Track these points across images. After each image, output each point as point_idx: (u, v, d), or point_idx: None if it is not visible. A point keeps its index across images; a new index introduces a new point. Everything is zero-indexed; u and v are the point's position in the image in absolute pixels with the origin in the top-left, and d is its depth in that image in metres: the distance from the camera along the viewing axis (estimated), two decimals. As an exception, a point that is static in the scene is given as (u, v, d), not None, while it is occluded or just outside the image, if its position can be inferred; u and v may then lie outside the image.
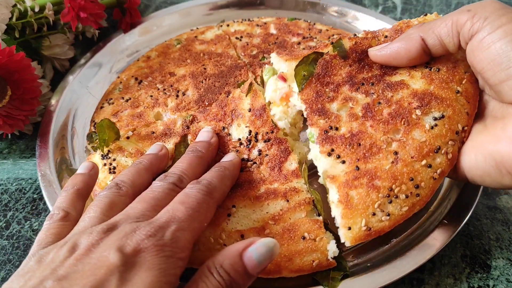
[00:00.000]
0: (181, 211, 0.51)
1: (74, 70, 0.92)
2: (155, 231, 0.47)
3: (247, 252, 0.49)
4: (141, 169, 0.63)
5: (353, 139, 0.62)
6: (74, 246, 0.47)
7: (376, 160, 0.60)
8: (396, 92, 0.64)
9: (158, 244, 0.46)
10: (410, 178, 0.59)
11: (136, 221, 0.50)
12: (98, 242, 0.47)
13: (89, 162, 0.65)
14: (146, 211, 0.52)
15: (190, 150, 0.66)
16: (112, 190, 0.57)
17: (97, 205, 0.55)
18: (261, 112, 0.71)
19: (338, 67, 0.68)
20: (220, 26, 1.01)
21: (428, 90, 0.63)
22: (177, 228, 0.49)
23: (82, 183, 0.60)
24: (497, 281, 0.65)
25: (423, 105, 0.62)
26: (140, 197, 0.56)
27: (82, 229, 0.51)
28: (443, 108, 0.62)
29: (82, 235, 0.48)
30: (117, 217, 0.51)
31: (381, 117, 0.63)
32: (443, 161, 0.60)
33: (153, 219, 0.50)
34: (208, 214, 0.56)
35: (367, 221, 0.58)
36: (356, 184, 0.59)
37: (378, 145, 0.61)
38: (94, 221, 0.52)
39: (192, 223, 0.51)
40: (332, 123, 0.64)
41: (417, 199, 0.59)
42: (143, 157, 0.66)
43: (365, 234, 0.58)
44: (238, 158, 0.68)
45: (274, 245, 0.50)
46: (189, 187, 0.56)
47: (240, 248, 0.49)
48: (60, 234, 0.52)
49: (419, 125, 0.62)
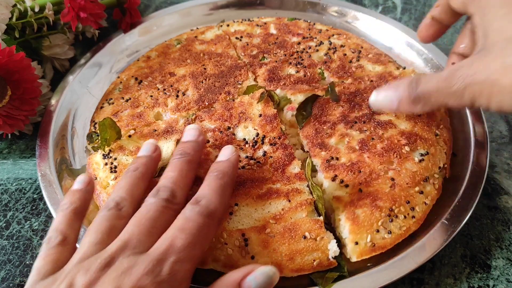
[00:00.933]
0: (180, 239, 0.49)
1: (74, 70, 0.92)
2: (153, 267, 0.46)
3: (246, 282, 0.48)
4: (138, 178, 0.60)
5: (353, 167, 0.68)
6: (71, 285, 0.45)
7: (376, 184, 0.67)
8: (386, 130, 0.73)
9: (156, 281, 0.45)
10: (406, 201, 0.65)
11: (133, 253, 0.48)
12: (96, 280, 0.45)
13: (85, 176, 0.61)
14: (143, 237, 0.50)
15: (178, 154, 0.62)
16: (112, 212, 0.54)
17: (97, 229, 0.52)
18: (272, 119, 0.75)
19: (332, 108, 0.78)
20: (220, 26, 1.01)
21: (413, 131, 0.73)
22: (175, 260, 0.47)
23: (79, 201, 0.58)
24: (497, 281, 0.65)
25: (411, 143, 0.71)
26: (136, 218, 0.53)
27: (80, 260, 0.49)
28: (427, 146, 0.72)
29: (79, 272, 0.46)
30: (115, 246, 0.49)
31: (376, 150, 0.70)
32: (432, 190, 0.68)
33: (151, 251, 0.48)
34: (209, 237, 0.54)
35: (372, 237, 0.62)
36: (360, 203, 0.64)
37: (377, 172, 0.68)
38: (93, 249, 0.50)
39: (192, 251, 0.49)
40: (333, 154, 0.71)
41: (413, 221, 0.65)
42: (138, 161, 0.63)
43: (370, 250, 0.62)
44: (236, 153, 0.64)
45: (274, 274, 0.49)
46: (188, 209, 0.53)
47: (238, 277, 0.48)
48: (59, 260, 0.51)
49: (410, 158, 0.70)
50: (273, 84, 0.83)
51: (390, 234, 0.63)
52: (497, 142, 0.83)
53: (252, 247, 0.61)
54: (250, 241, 0.61)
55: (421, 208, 0.66)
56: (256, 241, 0.61)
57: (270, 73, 0.85)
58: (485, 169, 0.72)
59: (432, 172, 0.70)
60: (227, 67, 0.88)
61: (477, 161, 0.73)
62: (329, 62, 0.88)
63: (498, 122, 0.86)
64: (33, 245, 0.70)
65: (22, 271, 0.67)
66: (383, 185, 0.67)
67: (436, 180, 0.70)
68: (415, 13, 1.12)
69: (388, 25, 0.98)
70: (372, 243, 0.62)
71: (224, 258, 0.61)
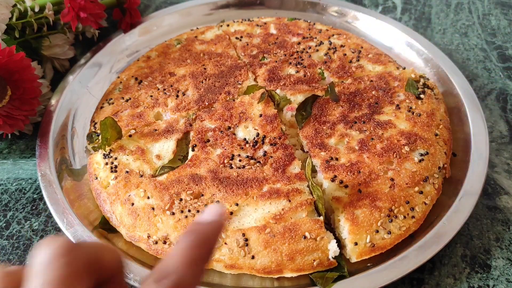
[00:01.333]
0: None
1: (74, 70, 0.92)
2: None
3: None
4: None
5: (353, 167, 0.68)
6: None
7: (376, 185, 0.67)
8: (385, 130, 0.74)
9: None
10: (406, 201, 0.66)
11: None
12: None
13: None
14: None
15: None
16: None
17: None
18: (272, 119, 0.75)
19: (332, 108, 0.78)
20: (220, 26, 1.01)
21: (413, 131, 0.73)
22: None
23: None
24: (497, 281, 0.65)
25: (410, 143, 0.72)
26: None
27: None
28: (427, 146, 0.72)
29: None
30: None
31: (376, 151, 0.71)
32: (431, 190, 0.68)
33: None
34: None
35: (371, 237, 0.63)
36: (360, 204, 0.65)
37: (376, 173, 0.68)
38: None
39: None
40: (332, 155, 0.71)
41: (413, 221, 0.65)
42: None
43: (369, 250, 0.62)
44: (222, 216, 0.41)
45: None
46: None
47: None
48: None
49: (409, 158, 0.70)
50: (273, 84, 0.83)
51: (389, 235, 0.63)
52: (497, 142, 0.83)
53: (252, 247, 0.61)
54: (250, 241, 0.61)
55: (420, 208, 0.66)
56: (256, 241, 0.61)
57: (270, 73, 0.85)
58: (485, 169, 0.72)
59: (432, 172, 0.70)
60: (227, 67, 0.88)
61: (477, 161, 0.73)
62: (329, 62, 0.88)
63: (498, 122, 0.86)
64: (33, 245, 0.70)
65: (22, 271, 0.67)
66: (382, 185, 0.67)
67: (436, 180, 0.70)
68: (415, 13, 1.12)
69: (388, 25, 0.98)
70: (371, 244, 0.62)
71: (224, 258, 0.61)
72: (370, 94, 0.80)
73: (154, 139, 0.75)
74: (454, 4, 1.16)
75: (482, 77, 0.95)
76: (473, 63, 0.99)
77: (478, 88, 0.92)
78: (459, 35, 1.06)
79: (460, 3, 1.16)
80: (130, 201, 0.68)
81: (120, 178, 0.71)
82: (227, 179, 0.68)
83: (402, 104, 0.78)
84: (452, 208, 0.67)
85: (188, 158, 0.73)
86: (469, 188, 0.70)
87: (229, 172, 0.69)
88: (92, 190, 0.73)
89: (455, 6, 1.15)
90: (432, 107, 0.78)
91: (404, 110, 0.77)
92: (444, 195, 0.70)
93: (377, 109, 0.78)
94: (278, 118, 0.76)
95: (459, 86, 0.84)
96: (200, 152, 0.72)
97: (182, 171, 0.70)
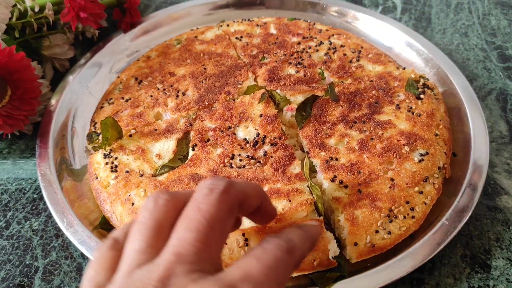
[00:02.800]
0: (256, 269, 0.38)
1: (74, 70, 0.92)
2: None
3: None
4: None
5: (353, 168, 0.69)
6: None
7: (375, 185, 0.67)
8: (385, 130, 0.74)
9: None
10: (406, 201, 0.66)
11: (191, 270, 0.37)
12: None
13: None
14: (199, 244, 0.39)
15: None
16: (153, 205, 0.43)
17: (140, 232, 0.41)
18: (273, 119, 0.75)
19: (332, 108, 0.78)
20: (220, 26, 1.01)
21: (413, 131, 0.74)
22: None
23: None
24: (497, 281, 0.65)
25: (410, 143, 0.72)
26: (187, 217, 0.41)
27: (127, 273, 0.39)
28: (427, 146, 0.72)
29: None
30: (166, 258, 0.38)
31: (376, 151, 0.71)
32: (431, 190, 0.68)
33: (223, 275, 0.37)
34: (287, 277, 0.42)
35: (371, 238, 0.63)
36: (360, 204, 0.65)
37: (376, 173, 0.68)
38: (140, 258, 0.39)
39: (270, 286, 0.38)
40: (332, 155, 0.71)
41: (413, 221, 0.65)
42: None
43: (369, 250, 0.63)
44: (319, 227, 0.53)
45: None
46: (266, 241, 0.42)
47: None
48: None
49: (409, 158, 0.70)
50: (273, 84, 0.83)
51: (389, 235, 0.63)
52: (497, 142, 0.83)
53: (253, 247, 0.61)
54: (250, 241, 0.61)
55: (420, 208, 0.66)
56: (257, 241, 0.61)
57: (270, 73, 0.85)
58: (485, 169, 0.72)
59: (432, 172, 0.70)
60: (227, 67, 0.88)
61: (477, 161, 0.73)
62: (329, 62, 0.88)
63: (498, 122, 0.86)
64: (33, 245, 0.70)
65: (22, 271, 0.67)
66: (382, 185, 0.67)
67: (436, 180, 0.70)
68: (415, 13, 1.12)
69: (388, 25, 0.99)
70: (371, 244, 0.63)
71: (224, 258, 0.61)
72: (370, 94, 0.80)
73: (155, 138, 0.76)
74: (454, 4, 1.16)
75: (482, 77, 0.95)
76: (473, 63, 0.99)
77: (478, 88, 0.92)
78: (459, 35, 1.06)
79: (460, 3, 1.16)
80: (130, 201, 0.68)
81: (120, 177, 0.71)
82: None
83: (402, 104, 0.78)
84: (452, 208, 0.67)
85: (188, 157, 0.73)
86: (469, 188, 0.70)
87: (229, 172, 0.69)
88: (92, 190, 0.73)
89: (455, 6, 1.15)
90: (432, 107, 0.78)
91: (404, 110, 0.77)
92: (444, 195, 0.70)
93: (377, 109, 0.78)
94: (278, 118, 0.76)
95: (459, 86, 0.84)
96: (200, 152, 0.72)
97: (183, 171, 0.70)
